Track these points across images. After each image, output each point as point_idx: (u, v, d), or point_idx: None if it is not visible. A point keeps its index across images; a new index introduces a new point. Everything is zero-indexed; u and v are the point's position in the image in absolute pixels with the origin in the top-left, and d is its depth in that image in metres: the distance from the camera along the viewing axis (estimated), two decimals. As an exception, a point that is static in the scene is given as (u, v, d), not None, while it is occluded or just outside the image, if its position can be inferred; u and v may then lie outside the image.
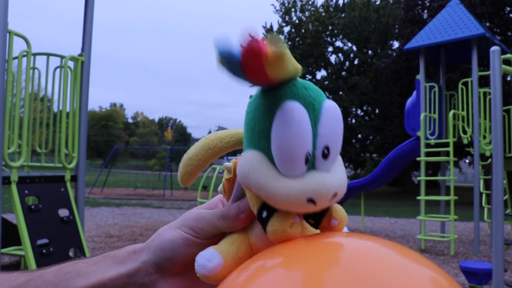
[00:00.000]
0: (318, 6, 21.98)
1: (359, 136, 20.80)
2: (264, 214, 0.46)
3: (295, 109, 0.44)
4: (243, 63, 0.38)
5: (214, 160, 0.56)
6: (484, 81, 9.44)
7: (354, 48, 21.62)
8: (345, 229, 0.52)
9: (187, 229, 0.48)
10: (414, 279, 0.34)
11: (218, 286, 0.43)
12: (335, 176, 0.46)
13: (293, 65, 0.42)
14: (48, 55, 3.52)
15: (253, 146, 0.47)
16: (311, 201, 0.43)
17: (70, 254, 3.22)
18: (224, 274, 0.45)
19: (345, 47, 21.86)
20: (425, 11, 15.36)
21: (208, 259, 0.45)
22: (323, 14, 21.24)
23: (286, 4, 22.21)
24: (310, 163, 0.45)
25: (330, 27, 21.05)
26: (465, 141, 6.08)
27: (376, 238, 0.43)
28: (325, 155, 0.45)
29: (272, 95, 0.45)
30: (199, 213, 0.50)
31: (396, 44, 18.66)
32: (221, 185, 0.57)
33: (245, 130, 0.49)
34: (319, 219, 0.49)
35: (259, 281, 0.37)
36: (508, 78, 10.43)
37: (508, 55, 3.19)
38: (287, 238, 0.45)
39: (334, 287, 0.32)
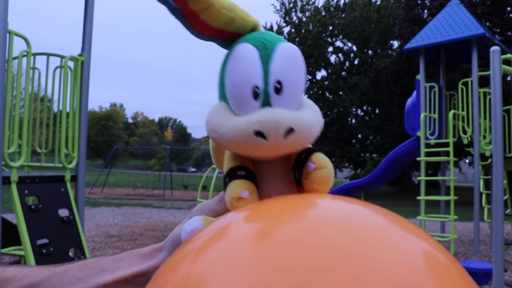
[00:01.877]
0: (319, 6, 21.98)
1: (359, 136, 20.80)
2: (227, 180, 0.45)
3: (242, 48, 0.44)
4: (179, 8, 0.42)
5: None
6: (484, 81, 9.44)
7: (354, 48, 21.62)
8: None
9: None
10: (401, 254, 0.30)
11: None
12: (293, 111, 0.43)
13: (238, 14, 0.44)
14: (48, 55, 3.52)
15: (219, 98, 0.47)
16: (260, 134, 0.41)
17: (70, 254, 3.22)
18: None
19: (345, 47, 21.86)
20: (425, 11, 15.36)
21: (189, 223, 0.44)
22: (324, 14, 21.24)
23: (287, 4, 22.21)
24: (264, 100, 0.43)
25: (330, 27, 21.04)
26: (465, 141, 6.08)
27: (360, 203, 0.39)
28: (278, 90, 0.43)
29: (231, 45, 0.46)
30: (202, 204, 0.51)
31: (396, 44, 18.66)
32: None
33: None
34: (300, 170, 0.46)
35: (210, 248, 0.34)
36: (508, 78, 10.42)
37: (508, 55, 3.19)
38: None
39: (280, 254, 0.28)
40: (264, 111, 0.42)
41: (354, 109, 21.62)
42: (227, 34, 0.47)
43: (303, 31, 21.36)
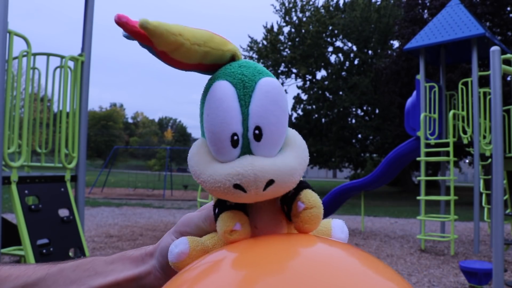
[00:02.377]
0: (319, 6, 21.98)
1: (359, 136, 20.80)
2: (216, 211, 0.44)
3: (218, 87, 0.41)
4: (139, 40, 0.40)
5: None
6: (484, 81, 9.44)
7: (354, 48, 21.62)
8: (340, 229, 0.49)
9: (178, 235, 0.49)
10: None
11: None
12: (275, 160, 0.41)
13: (212, 47, 0.42)
14: (48, 55, 3.52)
15: (201, 134, 0.46)
16: (239, 187, 0.40)
17: (70, 254, 3.22)
18: (188, 264, 0.42)
19: (345, 47, 21.86)
20: (426, 11, 15.36)
21: (176, 245, 0.44)
22: (324, 14, 21.24)
23: (286, 5, 22.21)
24: (244, 146, 0.41)
25: (330, 27, 21.04)
26: (465, 141, 6.08)
27: (340, 247, 0.39)
28: (257, 137, 0.41)
29: (210, 78, 0.44)
30: (189, 217, 0.50)
31: (396, 44, 18.66)
32: None
33: None
34: (289, 206, 0.45)
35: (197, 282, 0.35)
36: (508, 78, 10.42)
37: (508, 55, 3.19)
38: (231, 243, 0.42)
39: None
40: (243, 163, 0.40)
41: (354, 109, 21.61)
42: (205, 66, 0.45)
43: (303, 31, 21.35)
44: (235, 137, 0.41)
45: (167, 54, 0.41)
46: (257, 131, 0.41)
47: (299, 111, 22.17)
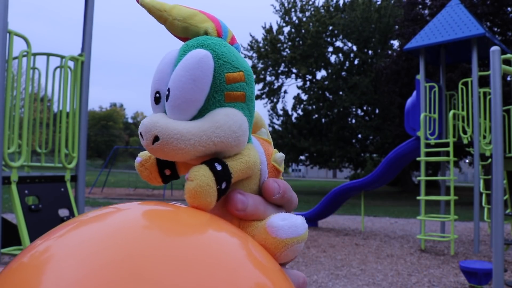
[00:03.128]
0: (319, 6, 21.98)
1: (359, 136, 20.79)
2: None
3: (169, 52, 0.48)
4: None
5: None
6: (484, 81, 9.44)
7: (354, 48, 21.61)
8: (280, 217, 0.46)
9: None
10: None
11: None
12: (167, 121, 0.45)
13: (191, 23, 0.48)
14: (48, 55, 3.52)
15: None
16: (141, 135, 0.45)
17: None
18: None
19: (345, 47, 21.87)
20: (426, 10, 15.36)
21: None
22: (324, 14, 21.23)
23: (286, 5, 22.21)
24: (164, 106, 0.46)
25: (330, 27, 21.04)
26: (465, 141, 6.08)
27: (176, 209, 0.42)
28: (166, 97, 0.45)
29: None
30: None
31: (396, 44, 18.67)
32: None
33: None
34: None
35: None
36: (508, 78, 10.42)
37: (508, 55, 3.19)
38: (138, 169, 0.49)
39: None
40: (149, 117, 0.46)
41: (354, 109, 21.61)
42: (186, 39, 0.50)
43: (303, 31, 21.35)
44: (157, 95, 0.46)
45: (164, 25, 0.49)
46: (167, 92, 0.45)
47: (299, 111, 22.17)
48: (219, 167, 0.46)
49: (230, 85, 0.46)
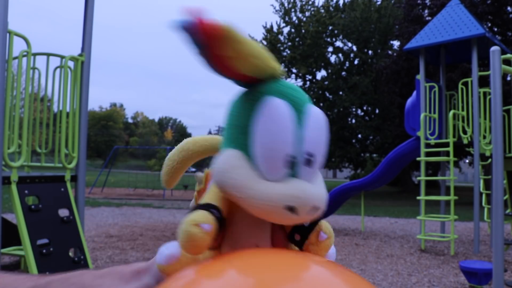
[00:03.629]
0: (319, 6, 21.97)
1: (359, 136, 20.79)
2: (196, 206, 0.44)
3: (280, 106, 0.42)
4: (197, 39, 0.37)
5: (190, 163, 0.57)
6: (484, 81, 9.44)
7: (354, 48, 21.61)
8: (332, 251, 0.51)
9: None
10: None
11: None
12: (318, 188, 0.43)
13: (263, 62, 0.42)
14: (48, 55, 3.52)
15: (232, 144, 0.44)
16: (291, 209, 0.40)
17: (70, 254, 3.22)
18: (176, 270, 0.41)
19: (345, 47, 21.86)
20: (426, 11, 15.36)
21: (167, 247, 0.43)
22: (324, 14, 21.23)
23: (286, 5, 22.20)
24: (293, 168, 0.42)
25: (330, 27, 21.03)
26: (465, 141, 6.07)
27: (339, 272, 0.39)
28: (310, 163, 0.42)
29: (255, 90, 0.44)
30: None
31: (396, 44, 18.66)
32: (192, 202, 0.56)
33: (225, 129, 0.47)
34: (305, 235, 0.46)
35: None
36: (508, 78, 10.43)
37: (508, 55, 3.19)
38: (190, 240, 0.39)
39: None
40: (297, 185, 0.41)
41: (354, 109, 21.61)
42: (246, 78, 0.44)
43: (303, 31, 21.35)
44: (291, 159, 0.41)
45: (223, 59, 0.40)
46: (310, 157, 0.42)
47: (299, 111, 22.15)
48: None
49: None
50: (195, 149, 0.56)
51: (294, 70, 22.27)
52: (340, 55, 21.91)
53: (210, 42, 0.38)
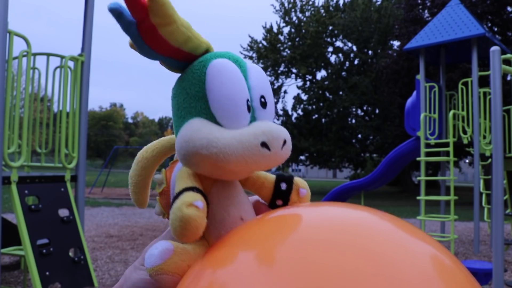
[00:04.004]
0: (319, 6, 21.97)
1: (359, 136, 20.79)
2: (178, 192, 0.43)
3: (227, 62, 0.46)
4: (133, 15, 0.41)
5: (153, 171, 0.56)
6: (484, 81, 9.44)
7: (354, 48, 21.61)
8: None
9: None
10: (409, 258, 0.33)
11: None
12: (279, 125, 0.46)
13: (194, 35, 0.45)
14: (48, 55, 3.52)
15: (188, 116, 0.46)
16: (265, 145, 0.43)
17: (70, 254, 3.22)
18: (175, 262, 0.40)
19: (345, 47, 21.86)
20: (426, 11, 15.36)
21: (156, 247, 0.41)
22: (324, 14, 21.23)
23: (286, 5, 22.20)
24: (251, 114, 0.46)
25: (330, 27, 21.03)
26: (465, 141, 6.07)
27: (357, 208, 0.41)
28: (264, 104, 0.46)
29: (196, 62, 0.47)
30: (158, 238, 0.50)
31: (396, 44, 18.65)
32: (157, 206, 0.54)
33: (175, 110, 0.48)
34: (286, 197, 0.50)
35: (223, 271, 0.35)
36: (508, 78, 10.43)
37: (508, 55, 3.19)
38: (187, 223, 0.39)
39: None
40: (262, 124, 0.44)
41: (354, 109, 21.60)
42: (181, 54, 0.46)
43: (303, 31, 21.35)
44: (263, 100, 0.47)
45: (155, 29, 0.42)
46: (263, 99, 0.47)
47: (299, 111, 22.17)
48: (285, 175, 0.55)
49: None
50: (149, 156, 0.56)
51: (294, 70, 22.27)
52: (340, 55, 21.91)
53: (143, 10, 0.41)
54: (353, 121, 21.08)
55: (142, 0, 0.40)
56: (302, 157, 21.90)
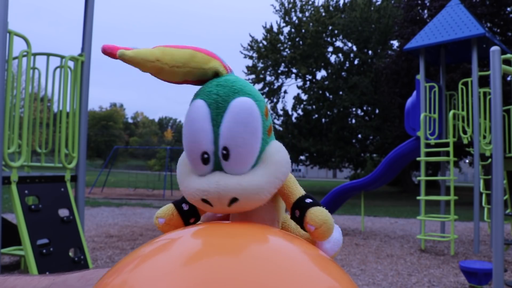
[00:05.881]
0: (319, 5, 21.97)
1: (359, 136, 20.79)
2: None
3: (193, 107, 0.44)
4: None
5: None
6: (484, 81, 9.44)
7: (354, 48, 21.61)
8: (337, 231, 0.52)
9: None
10: None
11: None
12: (240, 179, 0.44)
13: (193, 66, 0.45)
14: (48, 55, 3.52)
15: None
16: (206, 201, 0.43)
17: (70, 254, 3.22)
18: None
19: (345, 47, 21.86)
20: (426, 11, 15.36)
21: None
22: (323, 14, 21.23)
23: (286, 5, 22.20)
24: (216, 163, 0.44)
25: (330, 27, 21.03)
26: (465, 141, 6.07)
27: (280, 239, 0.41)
28: (224, 156, 0.43)
29: (193, 95, 0.47)
30: None
31: (396, 44, 18.65)
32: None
33: None
34: (303, 211, 0.48)
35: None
36: (508, 78, 10.42)
37: (508, 55, 3.19)
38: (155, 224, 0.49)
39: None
40: (210, 180, 0.44)
41: (354, 109, 21.60)
42: (192, 82, 0.47)
43: (303, 31, 21.35)
44: (205, 156, 0.44)
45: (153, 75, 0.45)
46: (224, 151, 0.44)
47: (299, 111, 22.16)
48: (312, 200, 0.48)
49: (267, 120, 0.47)
50: None
51: (294, 70, 22.27)
52: (340, 55, 21.92)
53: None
54: (353, 121, 21.08)
55: (113, 54, 0.42)
56: (302, 157, 21.91)
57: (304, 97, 22.15)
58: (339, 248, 0.50)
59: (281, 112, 22.43)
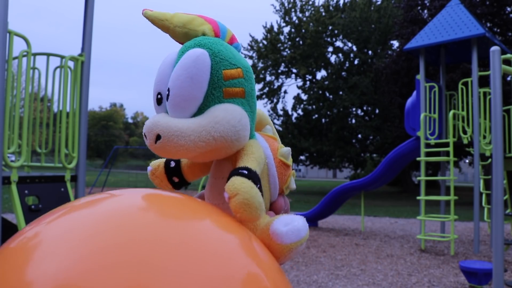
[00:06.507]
0: (319, 5, 21.96)
1: (359, 136, 20.78)
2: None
3: (167, 56, 0.51)
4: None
5: None
6: (484, 81, 9.44)
7: (354, 48, 21.60)
8: (283, 222, 0.49)
9: None
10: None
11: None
12: (168, 120, 0.47)
13: (190, 28, 0.50)
14: (48, 55, 3.52)
15: None
16: (145, 135, 0.49)
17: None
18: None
19: (345, 47, 21.85)
20: (425, 11, 15.35)
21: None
22: (324, 14, 21.22)
23: (286, 5, 22.20)
24: (164, 105, 0.50)
25: (330, 27, 21.03)
26: (465, 141, 6.07)
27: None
28: (167, 97, 0.48)
29: None
30: None
31: (396, 44, 18.65)
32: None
33: None
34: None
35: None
36: (508, 78, 10.42)
37: (508, 55, 3.19)
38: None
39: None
40: (154, 117, 0.48)
41: (354, 109, 21.59)
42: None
43: (303, 30, 21.34)
44: (159, 96, 0.49)
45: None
46: (167, 92, 0.47)
47: (299, 111, 22.16)
48: (245, 172, 0.47)
49: (228, 81, 0.48)
50: None
51: (294, 70, 22.26)
52: (340, 55, 21.90)
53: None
54: (353, 121, 21.07)
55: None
56: (302, 157, 21.90)
57: (304, 97, 22.15)
58: (299, 239, 0.46)
59: (281, 112, 22.42)
